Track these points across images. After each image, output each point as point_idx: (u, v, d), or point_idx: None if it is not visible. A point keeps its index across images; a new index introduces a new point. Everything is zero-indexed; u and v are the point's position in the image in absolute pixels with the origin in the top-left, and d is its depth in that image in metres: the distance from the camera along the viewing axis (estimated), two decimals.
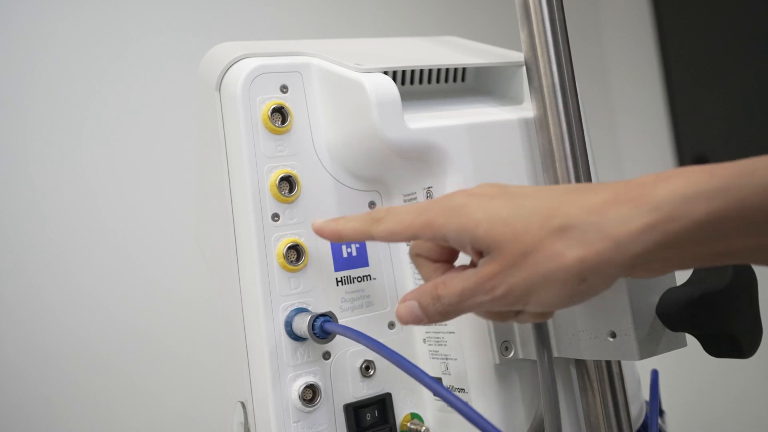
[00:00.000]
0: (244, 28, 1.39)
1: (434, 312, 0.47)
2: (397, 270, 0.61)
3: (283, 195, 0.58)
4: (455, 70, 0.67)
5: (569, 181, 0.58)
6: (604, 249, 0.40)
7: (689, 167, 0.40)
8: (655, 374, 0.68)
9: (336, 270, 0.59)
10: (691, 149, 1.69)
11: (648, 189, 0.40)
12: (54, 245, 1.20)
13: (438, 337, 0.60)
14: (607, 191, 0.42)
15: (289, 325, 0.56)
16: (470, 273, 0.45)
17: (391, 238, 0.49)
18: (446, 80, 0.67)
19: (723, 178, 0.38)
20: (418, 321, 0.48)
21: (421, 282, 0.60)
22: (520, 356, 0.58)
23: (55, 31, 1.23)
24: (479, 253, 0.45)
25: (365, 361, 0.59)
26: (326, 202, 0.59)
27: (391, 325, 0.61)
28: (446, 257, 0.51)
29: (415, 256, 0.52)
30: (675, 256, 0.41)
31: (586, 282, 0.41)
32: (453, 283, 0.46)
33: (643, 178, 0.41)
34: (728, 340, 0.49)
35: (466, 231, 0.45)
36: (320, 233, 0.54)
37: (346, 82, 0.59)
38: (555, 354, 0.55)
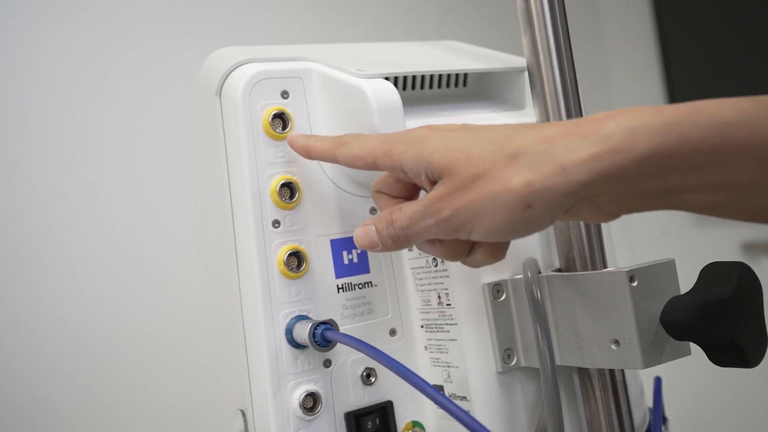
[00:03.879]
0: (243, 32, 1.39)
1: (387, 237, 0.49)
2: (398, 277, 0.61)
3: (284, 201, 0.57)
4: (457, 75, 0.67)
5: None
6: (550, 174, 0.41)
7: (641, 106, 0.42)
8: (658, 381, 0.67)
9: (337, 277, 0.59)
10: None
11: (598, 123, 0.41)
12: (55, 247, 1.19)
13: (440, 345, 0.59)
14: (561, 126, 0.43)
15: (289, 333, 0.56)
16: (421, 198, 0.47)
17: (353, 162, 0.51)
18: (448, 85, 0.66)
19: (669, 115, 0.40)
20: (372, 245, 0.50)
21: (422, 287, 0.60)
22: (523, 364, 0.57)
23: (57, 35, 1.22)
24: (433, 183, 0.47)
25: (366, 368, 0.58)
26: (327, 209, 0.59)
27: (393, 333, 0.60)
28: (405, 194, 0.52)
29: (376, 193, 0.53)
30: (620, 192, 0.42)
31: (531, 209, 0.42)
32: (406, 209, 0.48)
33: (596, 114, 0.43)
34: (733, 349, 0.48)
35: (421, 158, 0.46)
36: (291, 145, 0.56)
37: (348, 87, 0.58)
38: (558, 362, 0.55)
